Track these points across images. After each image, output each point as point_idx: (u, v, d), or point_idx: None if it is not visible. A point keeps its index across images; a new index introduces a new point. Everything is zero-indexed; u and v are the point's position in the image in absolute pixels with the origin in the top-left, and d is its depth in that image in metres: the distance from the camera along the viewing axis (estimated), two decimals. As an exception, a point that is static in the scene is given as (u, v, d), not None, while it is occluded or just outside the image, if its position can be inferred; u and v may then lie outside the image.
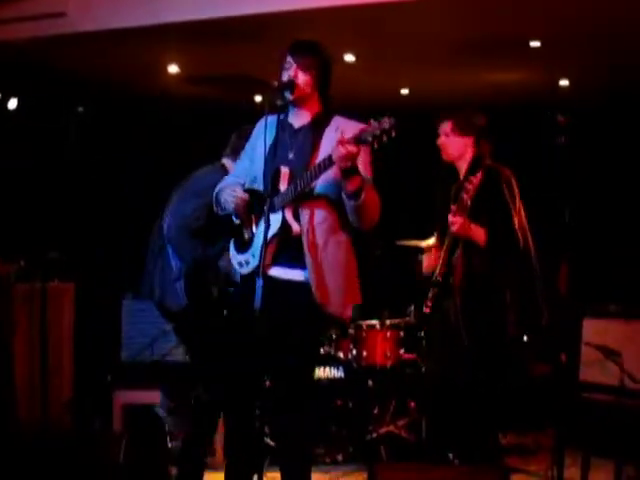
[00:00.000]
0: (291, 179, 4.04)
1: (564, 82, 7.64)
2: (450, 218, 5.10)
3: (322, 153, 4.03)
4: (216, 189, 4.36)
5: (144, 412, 6.23)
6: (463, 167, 5.31)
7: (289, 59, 4.15)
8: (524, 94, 8.05)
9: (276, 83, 4.12)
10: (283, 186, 4.04)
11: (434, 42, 6.60)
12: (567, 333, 5.38)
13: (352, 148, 3.76)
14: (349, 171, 3.84)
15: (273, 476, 4.44)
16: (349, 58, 6.95)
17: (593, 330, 5.48)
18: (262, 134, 4.16)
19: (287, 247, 4.05)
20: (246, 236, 4.19)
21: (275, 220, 4.00)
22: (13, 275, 6.29)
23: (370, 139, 3.74)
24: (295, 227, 4.03)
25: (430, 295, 5.27)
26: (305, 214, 4.04)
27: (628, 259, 7.58)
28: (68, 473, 5.29)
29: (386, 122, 3.73)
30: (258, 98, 8.23)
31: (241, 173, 4.34)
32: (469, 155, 5.31)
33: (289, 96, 4.12)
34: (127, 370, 6.26)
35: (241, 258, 4.20)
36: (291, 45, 4.20)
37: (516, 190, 5.24)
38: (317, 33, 4.31)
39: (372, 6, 5.81)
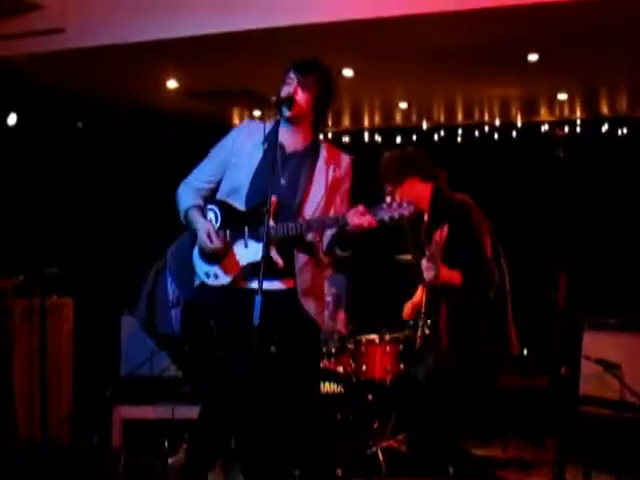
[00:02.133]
0: (278, 209, 4.04)
1: (562, 96, 7.65)
2: (423, 266, 5.14)
3: (315, 188, 4.09)
4: (180, 194, 4.41)
5: (143, 427, 6.23)
6: (425, 206, 5.34)
7: (291, 75, 4.15)
8: (522, 107, 8.07)
9: (274, 98, 4.12)
10: (268, 215, 4.02)
11: (432, 56, 6.61)
12: (566, 346, 5.37)
13: (373, 223, 3.83)
14: (355, 235, 3.91)
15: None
16: (347, 73, 6.96)
17: (592, 343, 5.50)
18: (244, 142, 4.18)
19: (274, 268, 4.09)
20: (218, 250, 4.16)
21: (256, 248, 4.01)
22: (12, 290, 6.29)
23: (387, 219, 3.81)
24: (279, 262, 4.06)
25: (419, 332, 5.33)
26: (297, 253, 4.12)
27: (627, 271, 7.58)
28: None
29: (407, 209, 3.80)
30: (257, 113, 8.25)
31: (208, 176, 4.34)
32: (425, 193, 5.35)
33: (286, 112, 4.12)
34: (126, 385, 6.25)
35: (208, 269, 4.21)
36: (295, 61, 4.20)
37: (483, 218, 5.26)
38: (316, 48, 4.32)
39: (371, 21, 5.82)
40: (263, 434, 4.14)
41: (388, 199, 3.85)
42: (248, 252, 4.07)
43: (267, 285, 4.08)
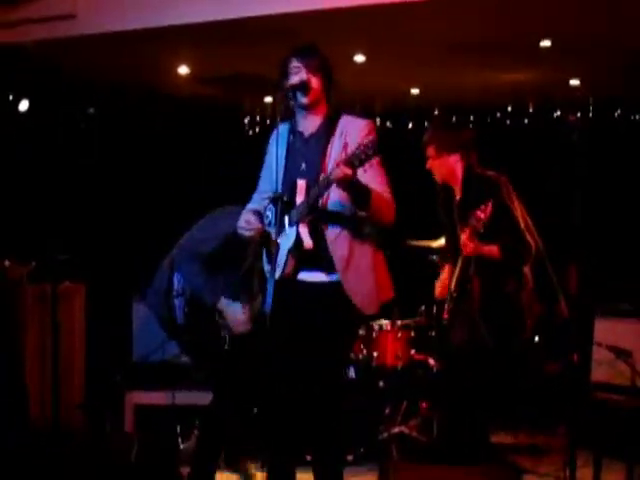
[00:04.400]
0: (307, 191, 4.07)
1: (575, 82, 7.62)
2: (463, 241, 5.13)
3: (330, 162, 4.07)
4: (245, 210, 4.40)
5: (155, 413, 6.25)
6: (457, 183, 5.34)
7: (296, 63, 4.15)
8: (535, 94, 8.04)
9: (288, 85, 4.12)
10: (300, 198, 4.07)
11: (445, 42, 6.58)
12: (578, 333, 5.37)
13: (347, 170, 3.79)
14: (350, 189, 3.87)
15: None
16: (359, 58, 6.95)
17: (604, 330, 5.49)
18: (276, 143, 4.21)
19: (309, 257, 4.10)
20: (272, 246, 4.20)
21: (290, 234, 4.06)
22: (24, 277, 6.31)
23: (357, 163, 3.78)
24: (307, 242, 4.09)
25: (447, 306, 5.31)
26: (325, 228, 4.09)
27: (638, 259, 7.56)
28: (80, 473, 5.30)
29: (371, 147, 3.76)
30: (268, 99, 8.24)
31: (263, 187, 4.40)
32: (459, 171, 5.35)
33: (303, 99, 4.13)
34: (138, 371, 6.27)
35: (268, 267, 4.24)
36: (295, 49, 4.21)
37: (513, 194, 5.27)
38: (328, 34, 4.33)
39: (383, 6, 5.80)
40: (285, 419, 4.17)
41: (357, 143, 3.84)
42: (286, 240, 4.11)
43: (309, 276, 4.12)
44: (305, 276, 4.15)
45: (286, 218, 4.09)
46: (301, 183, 4.09)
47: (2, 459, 5.40)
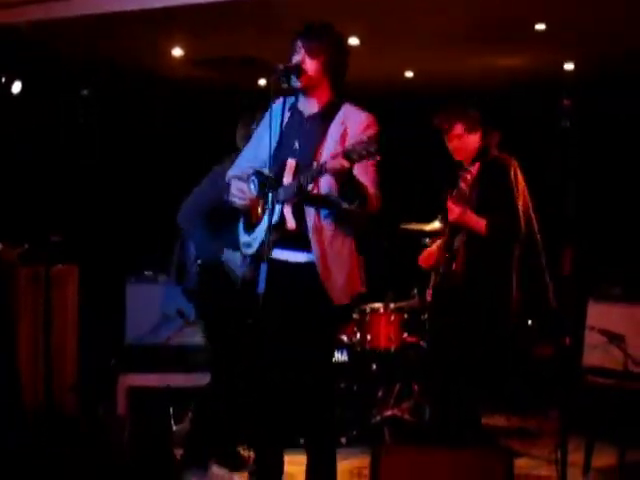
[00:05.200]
0: (296, 171, 4.04)
1: (569, 66, 7.62)
2: (449, 205, 5.13)
3: (326, 147, 4.04)
4: (227, 176, 4.38)
5: (148, 395, 6.25)
6: (472, 162, 5.34)
7: (299, 43, 4.10)
8: (528, 77, 8.03)
9: (281, 66, 4.09)
10: (287, 178, 4.03)
11: (439, 25, 6.57)
12: (571, 316, 5.37)
13: (344, 163, 3.76)
14: (342, 181, 3.86)
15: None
16: (353, 41, 6.93)
17: (597, 314, 5.49)
18: (272, 117, 4.16)
19: (289, 236, 4.07)
20: (253, 218, 4.19)
21: (277, 211, 4.02)
22: (17, 259, 6.29)
23: (356, 158, 3.74)
24: (290, 223, 4.05)
25: (432, 283, 5.31)
26: (309, 212, 4.05)
27: (633, 242, 7.57)
28: (73, 456, 5.31)
29: (373, 144, 3.73)
30: (263, 82, 8.21)
31: (249, 160, 4.34)
32: (476, 149, 5.34)
33: (296, 82, 4.09)
34: (131, 353, 6.28)
35: (247, 238, 4.24)
36: (303, 28, 4.16)
37: (520, 177, 5.27)
38: (322, 16, 4.29)
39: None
40: (274, 403, 4.17)
41: (361, 138, 3.81)
42: (268, 217, 4.04)
43: (287, 255, 4.10)
44: (281, 254, 4.10)
45: (270, 195, 4.05)
46: (291, 162, 4.06)
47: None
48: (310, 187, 4.00)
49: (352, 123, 4.08)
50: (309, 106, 4.19)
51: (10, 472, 4.97)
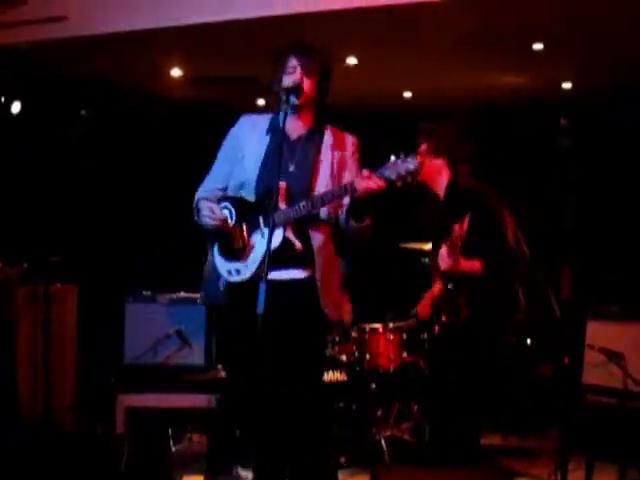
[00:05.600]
0: (288, 194, 4.01)
1: (567, 85, 7.64)
2: (441, 255, 5.13)
3: (323, 169, 4.06)
4: (196, 197, 4.30)
5: (147, 415, 6.24)
6: (440, 190, 5.33)
7: (293, 62, 4.10)
8: (527, 97, 8.05)
9: (281, 86, 4.08)
10: (281, 202, 4.00)
11: (436, 45, 6.59)
12: (570, 335, 5.37)
13: (381, 183, 3.77)
14: (365, 201, 3.87)
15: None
16: (351, 61, 6.95)
17: (596, 332, 5.48)
18: (249, 136, 4.15)
19: (294, 254, 4.07)
20: (235, 245, 4.11)
21: (275, 236, 3.98)
22: (16, 278, 6.29)
23: (394, 178, 3.75)
24: (298, 245, 4.04)
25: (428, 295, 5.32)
26: (316, 230, 4.06)
27: (631, 261, 7.57)
28: (71, 476, 5.29)
29: (412, 163, 3.74)
30: (261, 101, 8.23)
31: (220, 177, 4.27)
32: (445, 178, 5.33)
33: (295, 101, 4.08)
34: (130, 373, 6.25)
35: (230, 266, 4.14)
36: (294, 47, 4.15)
37: (501, 203, 5.25)
38: (321, 36, 4.31)
39: (375, 9, 5.81)
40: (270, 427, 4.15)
41: (392, 158, 3.78)
42: (263, 241, 3.98)
43: (285, 274, 4.09)
44: (277, 275, 4.05)
45: (261, 218, 4.02)
46: (282, 185, 3.99)
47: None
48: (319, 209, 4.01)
49: (342, 145, 4.14)
50: (296, 127, 4.16)
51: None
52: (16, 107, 7.33)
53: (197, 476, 5.81)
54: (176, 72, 7.45)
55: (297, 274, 4.10)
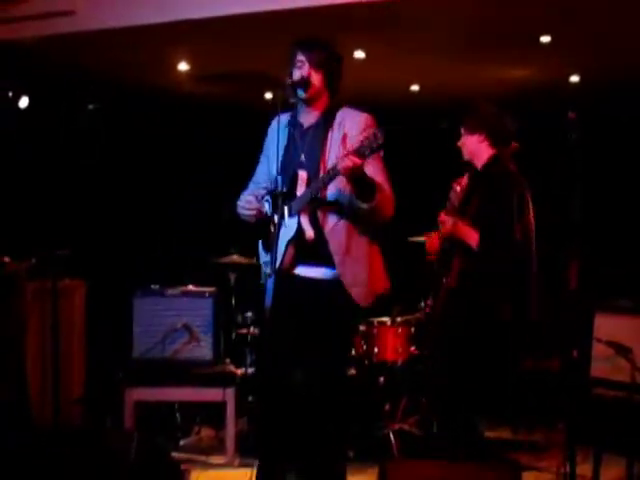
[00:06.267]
0: (308, 182, 4.08)
1: (575, 78, 7.62)
2: (441, 217, 5.12)
3: (329, 154, 4.08)
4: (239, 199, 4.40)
5: (155, 409, 6.25)
6: (479, 165, 5.31)
7: (300, 57, 4.15)
8: (534, 90, 8.03)
9: (289, 81, 4.14)
10: (300, 190, 4.08)
11: (444, 38, 6.58)
12: (578, 329, 5.37)
13: (356, 160, 3.78)
14: (357, 179, 3.87)
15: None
16: (359, 55, 6.95)
17: (604, 326, 5.48)
18: (274, 132, 4.21)
19: (309, 248, 4.09)
20: (270, 236, 4.21)
21: (291, 224, 4.07)
22: (24, 273, 6.30)
23: (368, 152, 3.77)
24: (309, 233, 4.09)
25: (430, 295, 5.31)
26: (323, 218, 4.07)
27: (638, 254, 7.56)
28: (79, 471, 5.30)
29: (380, 137, 3.76)
30: (269, 95, 8.23)
31: (260, 177, 4.42)
32: (485, 154, 5.30)
33: (303, 94, 4.14)
34: (138, 367, 6.27)
35: (266, 258, 4.28)
36: (301, 42, 4.20)
37: (527, 199, 5.22)
38: (328, 30, 4.33)
39: (383, 3, 5.80)
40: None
41: (364, 133, 3.84)
42: (286, 231, 4.10)
43: (308, 272, 4.12)
44: (304, 271, 4.14)
45: (286, 209, 4.09)
46: (302, 174, 4.13)
47: (2, 457, 5.39)
48: (320, 193, 4.04)
49: (350, 124, 4.14)
50: (309, 117, 4.27)
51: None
52: (24, 102, 7.33)
53: (205, 470, 5.84)
54: (183, 66, 7.44)
55: (321, 273, 4.13)
